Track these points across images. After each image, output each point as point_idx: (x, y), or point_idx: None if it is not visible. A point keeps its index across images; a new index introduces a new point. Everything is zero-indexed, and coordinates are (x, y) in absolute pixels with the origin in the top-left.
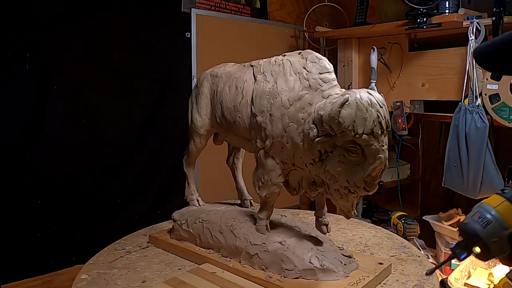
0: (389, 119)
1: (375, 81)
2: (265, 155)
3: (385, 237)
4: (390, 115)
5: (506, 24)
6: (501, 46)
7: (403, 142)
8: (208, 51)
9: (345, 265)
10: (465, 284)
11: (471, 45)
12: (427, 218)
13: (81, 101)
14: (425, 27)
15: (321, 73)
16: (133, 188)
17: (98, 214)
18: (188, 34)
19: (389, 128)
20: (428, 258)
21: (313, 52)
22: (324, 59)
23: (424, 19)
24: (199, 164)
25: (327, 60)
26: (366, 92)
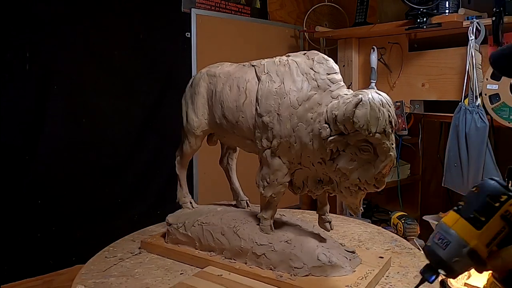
0: (396, 119)
1: (375, 81)
2: (271, 155)
3: (375, 232)
4: None
5: (506, 24)
6: None
7: (403, 142)
8: (208, 51)
9: (350, 260)
10: (465, 284)
11: (471, 45)
12: (427, 218)
13: (81, 101)
14: (425, 27)
15: (329, 73)
16: (133, 188)
17: (98, 214)
18: (188, 34)
19: (396, 127)
20: None
21: (319, 53)
22: (330, 60)
23: (424, 19)
24: (199, 164)
25: (333, 61)
26: (376, 93)
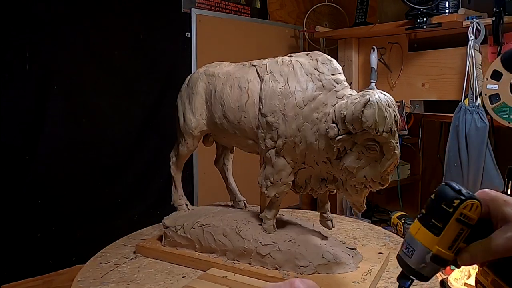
0: (400, 118)
1: (375, 81)
2: (276, 155)
3: (368, 229)
4: None
5: (506, 24)
6: None
7: (403, 142)
8: (208, 51)
9: (353, 257)
10: (465, 284)
11: (471, 45)
12: None
13: (81, 101)
14: (425, 27)
15: (333, 74)
16: (133, 188)
17: (98, 214)
18: (188, 34)
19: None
20: None
21: (323, 53)
22: (334, 60)
23: (424, 19)
24: (199, 164)
25: (336, 62)
26: (382, 93)
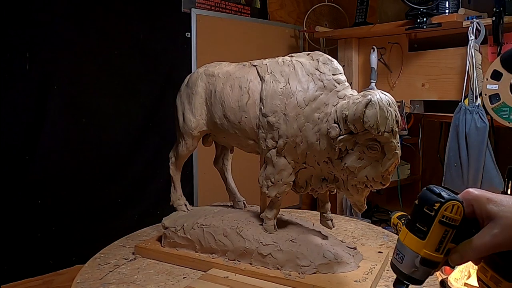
0: (400, 118)
1: (375, 81)
2: (277, 155)
3: (366, 228)
4: None
5: (506, 24)
6: None
7: (403, 142)
8: (208, 51)
9: (353, 256)
10: (465, 284)
11: (471, 45)
12: None
13: (81, 101)
14: (425, 27)
15: (334, 74)
16: (133, 188)
17: (98, 214)
18: (188, 34)
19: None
20: None
21: (323, 54)
22: (334, 61)
23: (424, 19)
24: (199, 164)
25: (337, 62)
26: (383, 93)
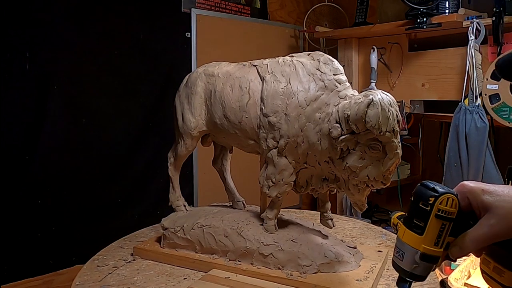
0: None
1: (375, 81)
2: (278, 155)
3: (364, 227)
4: None
5: (506, 24)
6: None
7: (403, 142)
8: (208, 51)
9: (354, 255)
10: (465, 284)
11: (471, 45)
12: None
13: (81, 101)
14: (425, 27)
15: (335, 74)
16: (133, 188)
17: (98, 214)
18: (188, 34)
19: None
20: None
21: (324, 54)
22: (335, 61)
23: (424, 19)
24: (199, 164)
25: (337, 62)
26: (384, 93)
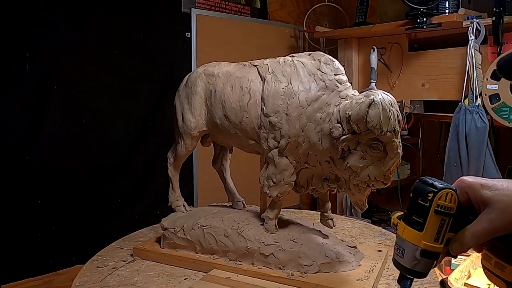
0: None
1: (375, 81)
2: (278, 155)
3: (363, 227)
4: None
5: (506, 24)
6: None
7: (403, 142)
8: (208, 51)
9: (354, 255)
10: (465, 284)
11: (471, 45)
12: None
13: (81, 101)
14: (425, 27)
15: (336, 74)
16: (133, 188)
17: (98, 214)
18: (188, 34)
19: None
20: None
21: (325, 54)
22: (336, 61)
23: (424, 19)
24: (199, 164)
25: (338, 62)
26: (384, 93)
